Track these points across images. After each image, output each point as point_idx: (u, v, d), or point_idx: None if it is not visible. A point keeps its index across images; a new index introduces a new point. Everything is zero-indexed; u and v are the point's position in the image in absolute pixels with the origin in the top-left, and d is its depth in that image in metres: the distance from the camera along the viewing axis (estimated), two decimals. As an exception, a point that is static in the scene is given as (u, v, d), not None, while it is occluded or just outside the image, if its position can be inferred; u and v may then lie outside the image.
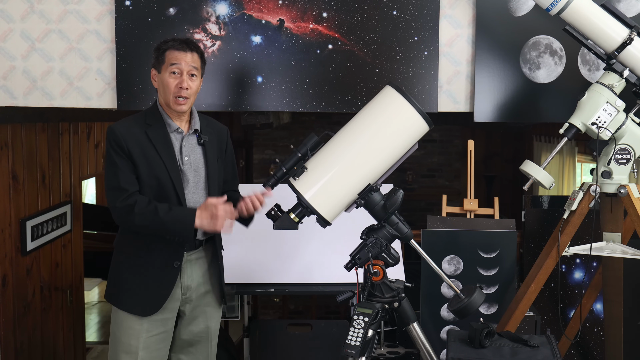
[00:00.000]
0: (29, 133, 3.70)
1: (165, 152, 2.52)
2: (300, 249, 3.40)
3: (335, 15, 3.17)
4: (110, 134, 2.51)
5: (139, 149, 2.50)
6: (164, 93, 2.55)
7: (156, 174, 2.50)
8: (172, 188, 2.52)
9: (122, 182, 2.47)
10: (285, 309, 6.23)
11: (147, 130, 2.52)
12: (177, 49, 2.52)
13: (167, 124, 2.56)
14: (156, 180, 2.51)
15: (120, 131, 2.50)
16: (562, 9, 2.70)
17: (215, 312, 2.72)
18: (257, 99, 3.22)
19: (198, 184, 2.59)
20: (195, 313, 2.66)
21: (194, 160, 2.58)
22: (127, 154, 2.48)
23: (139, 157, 2.49)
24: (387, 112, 2.40)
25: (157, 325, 2.57)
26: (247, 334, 3.57)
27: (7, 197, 3.48)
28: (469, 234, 3.29)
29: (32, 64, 3.20)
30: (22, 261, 3.63)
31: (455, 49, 3.23)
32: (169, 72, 2.52)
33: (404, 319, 2.48)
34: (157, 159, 2.51)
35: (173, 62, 2.51)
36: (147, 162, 2.50)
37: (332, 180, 2.38)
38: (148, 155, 2.50)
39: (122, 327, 2.56)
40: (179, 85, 2.51)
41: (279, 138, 8.00)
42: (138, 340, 2.54)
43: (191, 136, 2.60)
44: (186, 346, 2.69)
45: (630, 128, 2.78)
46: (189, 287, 2.62)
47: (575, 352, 3.57)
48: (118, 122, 2.55)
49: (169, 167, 2.51)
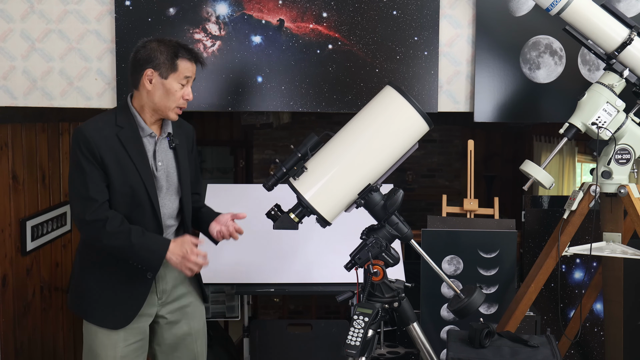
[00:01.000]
0: (29, 133, 3.70)
1: (138, 158, 2.40)
2: (300, 249, 3.40)
3: (335, 15, 3.17)
4: (80, 137, 2.35)
5: (112, 155, 2.36)
6: (164, 99, 2.42)
7: (129, 181, 2.39)
8: (146, 196, 2.41)
9: (92, 192, 2.33)
10: (285, 309, 6.23)
11: (118, 134, 2.39)
12: (190, 61, 2.45)
13: (141, 127, 2.43)
14: (129, 188, 2.39)
15: (91, 135, 2.35)
16: (562, 9, 2.70)
17: (197, 311, 2.64)
18: (257, 99, 3.22)
19: (170, 189, 2.51)
20: (175, 316, 2.57)
21: (166, 165, 2.49)
22: (98, 160, 2.35)
23: (112, 164, 2.36)
24: (387, 112, 2.40)
25: (134, 334, 2.48)
26: (247, 334, 3.57)
27: (7, 197, 3.48)
28: (469, 234, 3.29)
29: (32, 64, 3.20)
30: (22, 261, 3.63)
31: (455, 49, 3.23)
32: (179, 82, 2.42)
33: (404, 319, 2.48)
34: (130, 165, 2.39)
35: (187, 74, 2.43)
36: (120, 169, 2.37)
37: (332, 180, 2.38)
38: (121, 161, 2.38)
39: (97, 339, 2.46)
40: (186, 97, 2.44)
41: (279, 138, 8.00)
42: (115, 351, 2.44)
43: (163, 140, 2.50)
44: (170, 351, 2.59)
45: (630, 128, 2.78)
46: (164, 291, 2.54)
47: (575, 352, 3.57)
48: (87, 123, 2.40)
49: (143, 174, 2.40)
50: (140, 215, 2.43)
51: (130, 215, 2.41)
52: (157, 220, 2.46)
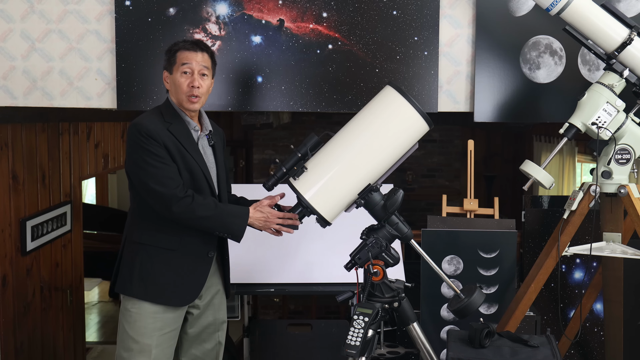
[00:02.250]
0: (29, 133, 3.70)
1: (191, 147, 2.54)
2: (301, 249, 3.40)
3: (335, 15, 3.17)
4: (142, 129, 2.47)
5: (171, 143, 2.50)
6: (176, 93, 2.56)
7: (189, 167, 2.52)
8: (204, 180, 2.55)
9: (173, 173, 2.47)
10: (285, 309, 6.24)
11: (169, 128, 2.52)
12: (187, 49, 2.55)
13: (187, 121, 2.57)
14: (190, 173, 2.52)
15: (151, 126, 2.48)
16: (562, 9, 2.70)
17: (222, 302, 2.75)
18: (257, 99, 3.22)
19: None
20: (204, 307, 2.68)
21: (207, 160, 2.62)
22: (162, 148, 2.47)
23: (174, 151, 2.49)
24: (387, 112, 2.40)
25: (171, 322, 2.58)
26: (247, 334, 3.57)
27: (7, 197, 3.48)
28: (469, 234, 3.29)
29: (32, 64, 3.20)
30: (22, 261, 3.63)
31: (455, 49, 3.23)
32: (181, 72, 2.54)
33: (404, 319, 2.48)
34: (185, 154, 2.52)
35: (184, 62, 2.53)
36: (179, 156, 2.50)
37: (332, 180, 2.38)
38: (179, 149, 2.51)
39: (136, 326, 2.54)
40: (191, 84, 2.52)
41: (279, 138, 8.00)
42: (152, 338, 2.53)
43: (203, 137, 2.63)
44: (196, 340, 2.70)
45: (630, 128, 2.78)
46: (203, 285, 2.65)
47: (575, 352, 3.57)
48: (141, 118, 2.53)
49: (199, 161, 2.55)
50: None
51: None
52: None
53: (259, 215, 2.53)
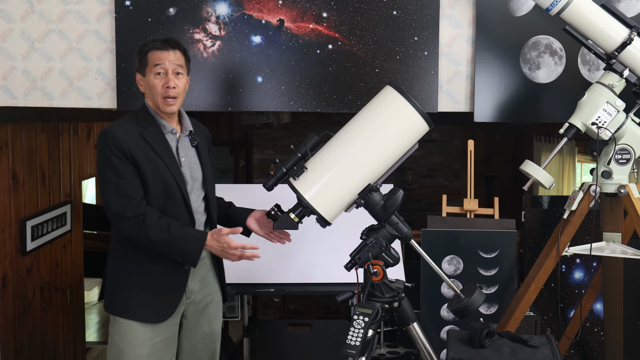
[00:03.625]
0: (29, 133, 3.70)
1: (164, 154, 2.47)
2: (301, 249, 3.40)
3: (335, 15, 3.17)
4: (109, 137, 2.42)
5: (141, 152, 2.43)
6: (151, 95, 2.49)
7: (160, 176, 2.45)
8: (177, 189, 2.48)
9: (129, 190, 2.40)
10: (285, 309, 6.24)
11: (142, 133, 2.46)
12: (159, 49, 2.47)
13: (162, 125, 2.51)
14: (161, 182, 2.45)
15: (119, 134, 2.42)
16: (562, 9, 2.70)
17: (217, 311, 2.70)
18: (257, 99, 3.22)
19: (194, 184, 2.56)
20: (198, 317, 2.62)
21: (189, 161, 2.55)
22: (129, 158, 2.41)
23: (142, 160, 2.43)
24: (387, 112, 2.40)
25: (163, 332, 2.52)
26: (247, 334, 3.57)
27: (7, 197, 3.48)
28: (469, 234, 3.29)
29: (32, 64, 3.20)
30: (22, 261, 3.63)
31: (455, 49, 3.23)
32: (154, 73, 2.46)
33: (404, 319, 2.48)
34: (158, 161, 2.45)
35: (157, 62, 2.46)
36: (150, 164, 2.44)
37: (332, 180, 2.38)
38: (150, 157, 2.44)
39: (126, 337, 2.49)
40: (166, 85, 2.45)
41: (279, 138, 8.00)
42: (143, 349, 2.48)
43: (184, 138, 2.56)
44: (191, 351, 2.64)
45: (630, 128, 2.78)
46: (192, 291, 2.59)
47: (575, 352, 3.57)
48: (112, 126, 2.47)
49: (172, 168, 2.47)
50: (173, 208, 2.48)
51: (164, 209, 2.47)
52: (189, 213, 2.52)
53: (215, 244, 2.45)
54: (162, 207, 2.47)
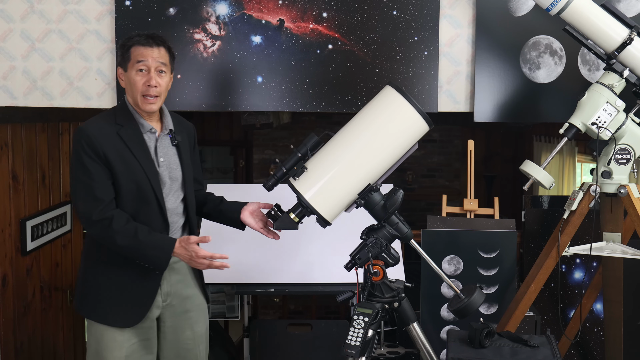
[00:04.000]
0: (29, 133, 3.70)
1: (141, 154, 2.40)
2: (300, 249, 3.40)
3: (335, 15, 3.17)
4: (83, 136, 2.34)
5: (115, 152, 2.36)
6: (132, 92, 2.41)
7: (134, 178, 2.38)
8: (151, 191, 2.41)
9: (98, 191, 2.33)
10: (285, 309, 6.23)
11: (119, 131, 2.39)
12: (142, 45, 2.38)
13: (140, 124, 2.43)
14: (135, 184, 2.39)
15: (93, 133, 2.34)
16: (562, 9, 2.70)
17: (200, 315, 2.63)
18: (257, 99, 3.22)
19: (173, 185, 2.50)
20: (177, 321, 2.56)
21: (169, 161, 2.48)
22: (102, 158, 2.34)
23: (116, 161, 2.36)
24: (387, 112, 2.40)
25: (139, 333, 2.48)
26: (247, 334, 3.57)
27: (7, 197, 3.48)
28: (469, 234, 3.29)
29: (32, 64, 3.20)
30: (22, 261, 3.63)
31: (455, 49, 3.23)
32: (136, 69, 2.38)
33: (404, 319, 2.48)
34: (133, 161, 2.38)
35: (139, 59, 2.38)
36: (124, 165, 2.37)
37: (332, 180, 2.38)
38: (124, 158, 2.37)
39: (103, 340, 2.45)
40: (147, 83, 2.37)
41: (279, 138, 8.00)
42: (121, 351, 2.44)
43: (165, 136, 2.49)
44: (174, 357, 2.58)
45: (630, 128, 2.78)
46: (168, 293, 2.53)
47: (575, 352, 3.57)
48: (88, 123, 2.40)
49: (147, 169, 2.40)
50: (147, 211, 2.43)
51: (137, 212, 2.41)
52: (163, 216, 2.46)
53: (183, 252, 2.37)
54: (134, 209, 2.41)
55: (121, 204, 2.40)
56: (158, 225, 2.45)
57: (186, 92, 3.19)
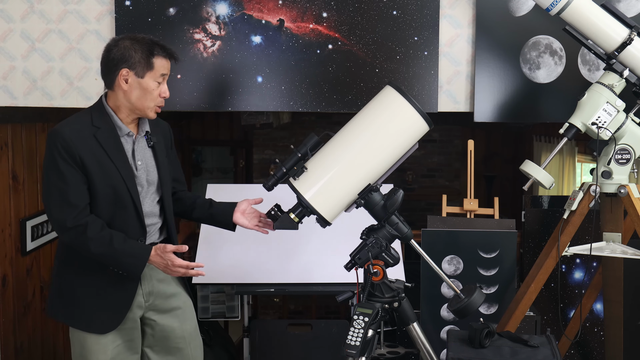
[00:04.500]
0: (29, 133, 3.70)
1: (118, 158, 2.36)
2: (300, 249, 3.40)
3: (335, 15, 3.17)
4: (58, 138, 2.28)
5: (91, 156, 2.31)
6: (141, 98, 2.37)
7: (111, 182, 2.34)
8: (128, 196, 2.37)
9: (72, 197, 2.28)
10: (285, 309, 6.23)
11: (95, 134, 2.34)
12: (166, 58, 2.40)
13: (118, 127, 2.38)
14: (111, 188, 2.35)
15: (69, 136, 2.28)
16: (562, 9, 2.70)
17: (188, 313, 2.60)
18: (257, 99, 3.22)
19: (150, 187, 2.47)
20: (166, 320, 2.54)
21: (146, 163, 2.46)
22: (78, 162, 2.29)
23: (92, 165, 2.31)
24: (387, 112, 2.40)
25: (123, 335, 2.45)
26: (247, 334, 3.57)
27: (7, 197, 3.48)
28: (469, 234, 3.29)
29: (32, 64, 3.20)
30: (22, 261, 3.63)
31: (455, 49, 3.23)
32: (156, 80, 2.38)
33: (404, 319, 2.48)
34: (110, 166, 2.34)
35: (164, 72, 2.39)
36: (100, 170, 2.32)
37: (332, 180, 2.38)
38: (101, 162, 2.33)
39: (87, 345, 2.41)
40: (163, 95, 2.40)
41: (279, 138, 8.00)
42: (106, 354, 2.41)
43: (141, 138, 2.46)
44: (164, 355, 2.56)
45: (630, 128, 2.78)
46: (150, 293, 2.50)
47: (575, 352, 3.57)
48: (62, 125, 2.34)
49: (124, 174, 2.36)
50: (123, 216, 2.39)
51: (113, 216, 2.38)
52: (139, 220, 2.42)
53: (158, 260, 2.34)
54: (111, 214, 2.37)
55: (97, 209, 2.35)
56: (135, 229, 2.41)
57: (186, 92, 3.19)
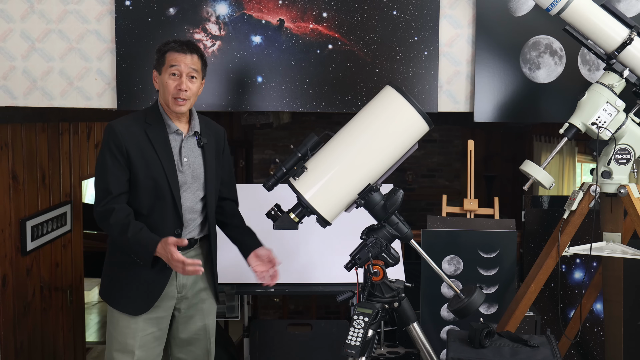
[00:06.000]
0: (29, 133, 3.70)
1: (163, 153, 2.53)
2: (300, 249, 3.40)
3: (335, 15, 3.17)
4: (110, 132, 2.52)
5: (137, 149, 2.51)
6: (163, 94, 2.55)
7: (153, 175, 2.51)
8: (167, 188, 2.52)
9: (110, 184, 2.49)
10: (285, 309, 6.23)
11: (146, 130, 2.54)
12: (177, 51, 2.53)
13: (167, 124, 2.57)
14: (153, 181, 2.52)
15: (119, 130, 2.51)
16: (562, 9, 2.70)
17: (211, 309, 2.74)
18: (257, 99, 3.22)
19: (195, 185, 2.60)
20: (191, 312, 2.67)
21: (192, 162, 2.59)
22: (124, 154, 2.49)
23: (137, 158, 2.50)
24: (387, 112, 2.40)
25: (152, 324, 2.59)
26: (247, 334, 3.57)
27: (7, 197, 3.48)
28: (469, 234, 3.29)
29: (32, 64, 3.20)
30: (22, 261, 3.63)
31: (455, 49, 3.23)
32: (169, 73, 2.52)
33: (404, 319, 2.48)
34: (155, 159, 2.52)
35: (173, 64, 2.52)
36: (144, 162, 2.51)
37: (332, 180, 2.38)
38: (146, 155, 2.51)
39: (119, 326, 2.57)
40: (178, 87, 2.52)
41: (279, 138, 8.00)
42: (134, 339, 2.55)
43: (191, 138, 2.61)
44: (185, 345, 2.69)
45: (630, 128, 2.78)
46: (184, 285, 2.63)
47: (575, 352, 3.57)
48: (118, 120, 2.57)
49: (167, 168, 2.52)
50: (162, 207, 2.54)
51: (152, 206, 2.53)
52: (177, 213, 2.56)
53: (162, 252, 2.45)
54: (150, 204, 2.53)
55: (138, 198, 2.53)
56: (171, 220, 2.55)
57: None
